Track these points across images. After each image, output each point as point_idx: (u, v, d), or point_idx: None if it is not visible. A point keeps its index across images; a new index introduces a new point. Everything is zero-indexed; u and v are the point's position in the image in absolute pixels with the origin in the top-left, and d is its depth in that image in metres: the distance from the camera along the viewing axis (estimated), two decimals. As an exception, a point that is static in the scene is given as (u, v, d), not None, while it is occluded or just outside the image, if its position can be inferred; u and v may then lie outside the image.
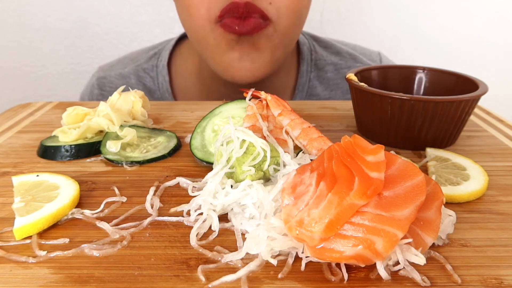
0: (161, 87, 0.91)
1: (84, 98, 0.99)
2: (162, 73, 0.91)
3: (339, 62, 0.93)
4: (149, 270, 0.37)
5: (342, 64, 0.94)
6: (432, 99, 0.56)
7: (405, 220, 0.35)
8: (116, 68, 0.97)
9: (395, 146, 0.61)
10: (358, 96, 0.64)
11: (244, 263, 0.37)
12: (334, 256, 0.35)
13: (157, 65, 0.92)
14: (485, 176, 0.51)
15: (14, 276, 0.36)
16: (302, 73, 0.90)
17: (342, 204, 0.35)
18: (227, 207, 0.44)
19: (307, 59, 0.91)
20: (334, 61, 0.93)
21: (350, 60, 0.95)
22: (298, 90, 0.90)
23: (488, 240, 0.41)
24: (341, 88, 0.92)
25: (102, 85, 0.95)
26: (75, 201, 0.46)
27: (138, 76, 0.93)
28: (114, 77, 0.95)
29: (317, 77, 0.91)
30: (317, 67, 0.92)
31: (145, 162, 0.56)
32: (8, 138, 0.65)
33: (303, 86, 0.90)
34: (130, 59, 0.98)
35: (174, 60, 0.93)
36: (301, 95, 0.90)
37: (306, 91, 0.90)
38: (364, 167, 0.37)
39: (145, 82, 0.93)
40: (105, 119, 0.61)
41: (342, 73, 0.93)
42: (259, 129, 0.53)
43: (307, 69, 0.90)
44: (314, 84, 0.91)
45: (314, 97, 0.91)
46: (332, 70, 0.93)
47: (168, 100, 0.91)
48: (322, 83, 0.92)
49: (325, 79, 0.92)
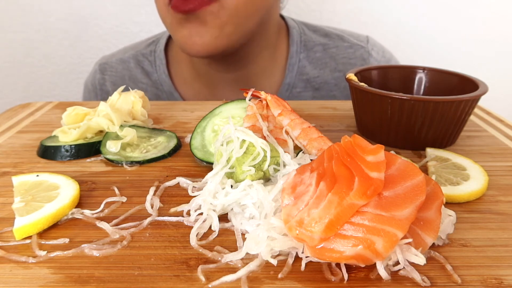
0: (158, 69, 0.99)
1: (87, 84, 1.06)
2: (159, 57, 0.99)
3: (328, 42, 1.00)
4: (149, 270, 0.37)
5: (330, 44, 1.00)
6: (432, 99, 0.56)
7: (405, 220, 0.35)
8: (117, 55, 1.05)
9: (395, 146, 0.61)
10: (358, 96, 0.64)
11: (244, 263, 0.37)
12: (334, 256, 0.35)
13: (155, 50, 1.00)
14: (485, 176, 0.51)
15: (14, 276, 0.36)
16: (292, 54, 0.96)
17: (342, 204, 0.35)
18: (227, 207, 0.44)
19: (296, 41, 0.97)
20: (323, 42, 0.99)
21: (338, 40, 1.00)
22: (289, 70, 0.96)
23: (488, 240, 0.41)
24: (329, 67, 0.98)
25: (104, 70, 1.02)
26: (75, 201, 0.46)
27: (137, 60, 1.01)
28: (115, 62, 1.02)
29: (307, 57, 0.97)
30: (306, 48, 0.98)
31: (145, 162, 0.56)
32: (8, 138, 0.65)
33: (293, 66, 0.96)
34: (130, 47, 1.06)
35: (171, 46, 1.01)
36: (291, 75, 0.96)
37: (296, 71, 0.96)
38: (364, 167, 0.37)
39: (143, 66, 1.00)
40: (105, 119, 0.61)
41: (330, 52, 0.99)
42: (259, 129, 0.53)
43: (297, 50, 0.97)
44: (303, 64, 0.97)
45: (303, 76, 0.97)
46: (321, 50, 0.99)
47: (165, 81, 0.98)
48: (311, 63, 0.98)
49: (314, 59, 0.98)
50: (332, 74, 0.98)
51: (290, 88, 0.96)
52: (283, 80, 0.96)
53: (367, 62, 1.00)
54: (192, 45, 0.81)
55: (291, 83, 0.96)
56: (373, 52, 1.01)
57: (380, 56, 1.02)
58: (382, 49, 1.04)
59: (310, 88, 0.97)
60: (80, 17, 1.32)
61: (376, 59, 1.01)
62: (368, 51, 1.00)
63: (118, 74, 1.01)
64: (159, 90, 0.98)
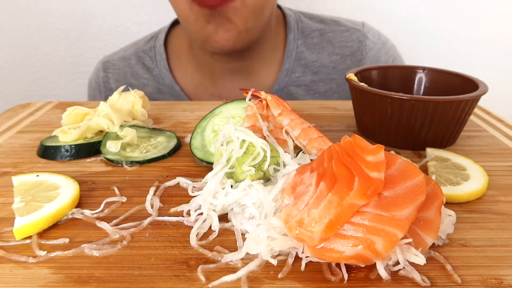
0: (159, 64, 1.00)
1: (91, 83, 1.08)
2: (159, 52, 1.00)
3: (324, 27, 1.02)
4: (149, 270, 0.37)
5: (327, 29, 1.02)
6: (432, 99, 0.56)
7: (405, 220, 0.35)
8: (118, 53, 1.07)
9: (395, 146, 0.61)
10: (358, 96, 0.64)
11: (244, 263, 0.37)
12: (334, 256, 0.35)
13: (154, 45, 1.02)
14: (485, 176, 0.51)
15: (14, 276, 0.36)
16: (290, 41, 0.98)
17: (342, 204, 0.35)
18: (227, 207, 0.44)
19: (293, 28, 0.99)
20: (319, 28, 1.02)
21: (334, 25, 1.03)
22: (287, 56, 0.98)
23: (488, 240, 0.41)
24: (327, 51, 1.00)
25: (107, 68, 1.05)
26: (75, 201, 0.46)
27: (138, 56, 1.03)
28: (117, 60, 1.05)
29: (304, 43, 1.00)
30: (303, 35, 1.00)
31: (145, 162, 0.56)
32: (8, 138, 0.65)
33: (291, 52, 0.98)
34: (131, 45, 1.09)
35: (170, 40, 1.03)
36: (289, 60, 0.98)
37: (295, 57, 0.98)
38: (364, 167, 0.37)
39: (144, 61, 1.02)
40: (105, 119, 0.61)
41: (327, 37, 1.01)
42: (259, 129, 0.53)
43: (294, 37, 0.99)
44: (301, 50, 0.99)
45: (302, 61, 0.99)
46: (318, 35, 1.01)
47: (166, 75, 0.99)
48: (309, 49, 1.00)
49: (311, 45, 1.00)
50: (330, 58, 1.00)
51: (289, 73, 0.97)
52: (281, 66, 0.98)
53: (363, 44, 1.01)
54: (218, 41, 0.83)
55: (290, 68, 0.97)
56: (369, 35, 1.02)
57: (376, 39, 1.03)
58: (378, 33, 1.05)
59: (309, 72, 0.99)
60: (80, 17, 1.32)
61: (372, 41, 1.02)
62: (364, 33, 1.02)
63: (120, 71, 1.03)
64: (160, 84, 0.99)
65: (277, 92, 0.97)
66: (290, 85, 0.97)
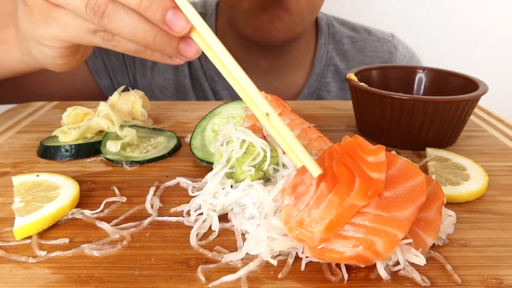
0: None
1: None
2: None
3: (355, 35, 1.01)
4: (149, 270, 0.37)
5: (358, 37, 1.00)
6: (432, 99, 0.56)
7: (406, 221, 0.35)
8: None
9: (395, 146, 0.61)
10: (358, 96, 0.64)
11: (244, 263, 0.37)
12: (334, 256, 0.35)
13: None
14: (485, 176, 0.51)
15: (14, 276, 0.36)
16: (321, 45, 0.97)
17: (343, 204, 0.35)
18: (227, 207, 0.44)
19: (325, 32, 0.98)
20: (350, 35, 1.00)
21: (365, 34, 1.02)
22: (317, 61, 0.96)
23: (488, 240, 0.41)
24: (356, 59, 0.99)
25: None
26: (75, 201, 0.46)
27: None
28: None
29: (335, 49, 0.98)
30: (334, 40, 0.98)
31: (145, 162, 0.56)
32: (8, 138, 0.65)
33: (322, 57, 0.97)
34: None
35: None
36: (320, 65, 0.97)
37: (325, 62, 0.97)
38: (365, 167, 0.37)
39: None
40: (105, 119, 0.61)
41: (358, 45, 1.00)
42: (259, 129, 0.53)
43: (325, 41, 0.97)
44: (331, 55, 0.98)
45: (331, 67, 0.97)
46: (349, 42, 0.99)
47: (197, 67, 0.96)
48: (339, 55, 0.99)
49: (342, 51, 0.99)
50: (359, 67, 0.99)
51: (319, 78, 0.96)
52: (312, 71, 0.96)
53: (394, 55, 1.01)
54: (271, 30, 0.81)
55: (320, 73, 0.96)
56: (399, 46, 1.02)
57: (405, 51, 1.03)
58: (406, 45, 1.05)
59: (338, 79, 0.98)
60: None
61: (402, 53, 1.02)
62: (394, 45, 1.01)
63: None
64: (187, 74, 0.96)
65: (307, 97, 0.96)
66: (320, 90, 0.96)
